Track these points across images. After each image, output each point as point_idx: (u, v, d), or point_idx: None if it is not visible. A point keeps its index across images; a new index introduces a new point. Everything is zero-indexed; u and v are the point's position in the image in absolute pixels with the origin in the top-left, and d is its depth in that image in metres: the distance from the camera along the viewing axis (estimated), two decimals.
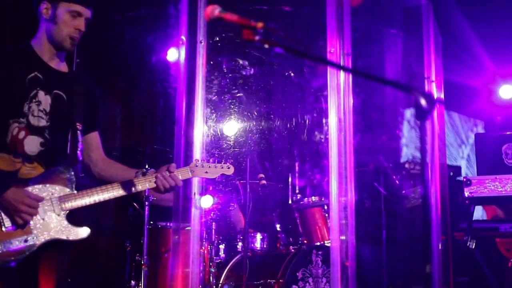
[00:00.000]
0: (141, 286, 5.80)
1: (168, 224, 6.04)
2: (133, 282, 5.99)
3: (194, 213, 4.77)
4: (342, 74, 5.20)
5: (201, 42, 4.90)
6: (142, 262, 5.74)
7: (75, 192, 4.03)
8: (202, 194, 4.81)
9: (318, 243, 6.54)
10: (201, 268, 5.89)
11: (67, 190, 4.02)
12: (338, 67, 5.06)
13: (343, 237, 4.79)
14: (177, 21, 5.09)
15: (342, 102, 5.12)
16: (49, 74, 4.13)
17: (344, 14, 5.40)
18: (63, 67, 4.26)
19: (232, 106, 6.70)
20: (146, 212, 5.72)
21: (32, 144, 4.02)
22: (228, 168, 4.42)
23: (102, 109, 4.49)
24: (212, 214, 6.24)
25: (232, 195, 6.60)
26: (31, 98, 4.03)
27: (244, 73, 6.96)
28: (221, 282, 6.28)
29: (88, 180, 4.33)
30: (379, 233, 7.15)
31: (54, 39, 4.11)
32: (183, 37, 4.99)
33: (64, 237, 3.95)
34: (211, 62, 6.55)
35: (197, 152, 4.81)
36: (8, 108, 4.01)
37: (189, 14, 5.01)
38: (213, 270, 6.10)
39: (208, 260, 6.10)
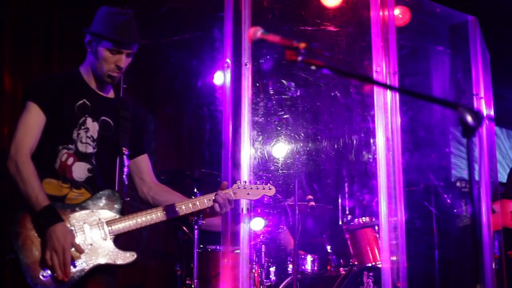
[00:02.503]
0: None
1: (217, 248, 6.03)
2: None
3: (243, 235, 4.76)
4: (389, 93, 5.17)
5: (246, 65, 4.91)
6: (193, 286, 5.72)
7: (122, 216, 4.05)
8: (252, 216, 4.80)
9: (369, 264, 6.47)
10: None
11: (114, 215, 4.05)
12: (384, 86, 5.03)
13: (394, 258, 4.73)
14: (222, 44, 5.11)
15: (390, 121, 5.09)
16: (97, 101, 4.19)
17: (389, 33, 5.38)
18: (110, 93, 4.32)
19: (279, 128, 6.68)
20: (196, 236, 5.71)
21: (80, 170, 4.07)
22: (270, 189, 4.41)
23: (149, 132, 4.53)
24: (261, 237, 6.22)
25: (281, 217, 6.57)
26: (80, 125, 4.09)
27: (290, 95, 6.95)
28: None
29: (137, 203, 4.36)
30: (431, 253, 7.05)
31: (96, 73, 4.17)
32: (228, 60, 5.01)
33: (111, 262, 3.98)
34: (257, 84, 6.55)
35: (245, 174, 4.80)
36: (58, 134, 4.07)
37: (233, 37, 5.02)
38: None
39: (259, 283, 6.07)
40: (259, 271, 6.09)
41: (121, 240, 4.08)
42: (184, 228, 6.28)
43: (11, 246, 3.86)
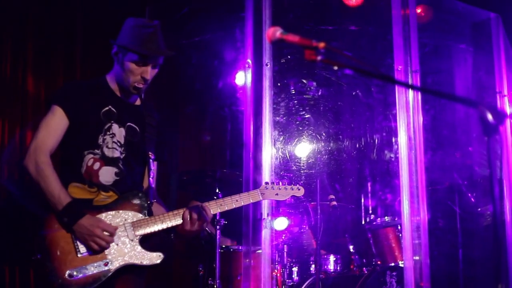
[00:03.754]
0: None
1: (239, 248, 6.03)
2: None
3: (265, 236, 4.76)
4: (410, 91, 5.15)
5: (267, 65, 4.91)
6: (215, 286, 5.73)
7: (148, 217, 4.07)
8: (274, 216, 4.79)
9: (392, 264, 6.44)
10: None
11: (140, 216, 4.07)
12: (405, 85, 5.01)
13: (416, 257, 4.71)
14: (242, 45, 5.12)
15: (412, 120, 5.06)
16: (123, 108, 4.23)
17: (411, 31, 5.36)
18: (137, 101, 4.35)
19: (300, 128, 6.68)
20: (218, 236, 5.72)
21: (108, 175, 4.11)
22: (298, 189, 4.41)
23: (169, 145, 4.57)
24: (283, 237, 6.21)
25: (303, 217, 6.56)
26: (106, 130, 4.14)
27: (311, 94, 6.94)
28: None
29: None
30: (455, 253, 7.00)
31: (122, 83, 4.20)
32: (249, 60, 5.01)
33: (138, 262, 4.00)
34: (278, 84, 6.55)
35: (266, 174, 4.80)
36: (84, 140, 4.11)
37: (254, 37, 5.03)
38: None
39: (281, 283, 6.06)
40: (282, 271, 6.08)
41: (148, 241, 4.10)
42: (207, 228, 6.29)
43: (38, 247, 3.89)
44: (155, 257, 4.05)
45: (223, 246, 5.96)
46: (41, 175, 3.92)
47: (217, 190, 5.83)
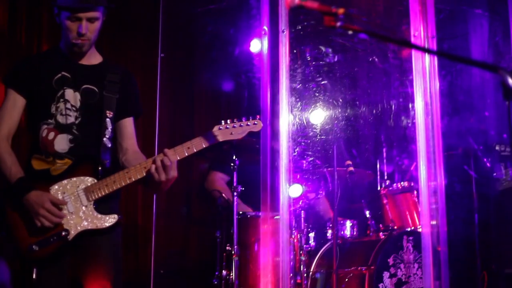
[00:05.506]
0: (232, 276, 5.84)
1: (257, 214, 6.07)
2: (224, 272, 6.04)
3: (283, 202, 4.79)
4: (427, 57, 5.13)
5: (283, 32, 4.90)
6: (233, 252, 5.78)
7: (100, 181, 4.09)
8: (290, 182, 4.80)
9: (409, 229, 6.47)
10: (291, 256, 5.90)
11: (92, 180, 4.09)
12: (423, 50, 4.99)
13: (433, 222, 4.72)
14: (258, 12, 5.10)
15: (428, 86, 5.06)
16: (77, 71, 4.26)
17: None
18: (94, 59, 4.34)
19: (317, 94, 6.67)
20: (235, 202, 5.76)
21: (62, 142, 4.16)
22: (255, 124, 4.31)
23: (138, 97, 4.51)
24: (300, 203, 6.23)
25: (320, 183, 6.58)
26: (58, 98, 4.17)
27: (327, 61, 6.93)
28: (312, 270, 6.28)
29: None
30: (471, 217, 7.02)
31: (67, 44, 4.20)
32: (265, 27, 5.00)
33: (94, 227, 4.05)
34: (294, 51, 6.54)
35: (284, 141, 4.81)
36: (38, 111, 4.19)
37: (270, 4, 5.01)
38: (303, 259, 6.08)
39: (298, 248, 6.10)
40: (299, 237, 6.11)
41: (104, 204, 4.12)
42: (224, 195, 6.32)
43: (1, 225, 4.01)
44: (110, 219, 4.07)
45: (240, 212, 6.00)
46: None
47: (234, 157, 5.85)
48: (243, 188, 5.82)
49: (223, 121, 4.25)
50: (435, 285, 4.57)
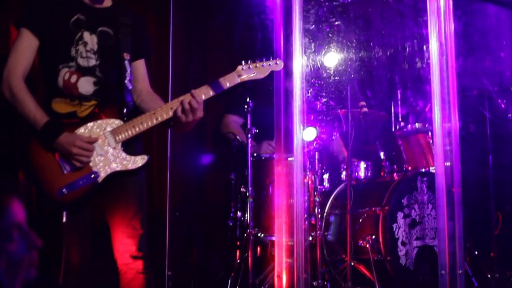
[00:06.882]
0: (247, 217, 5.90)
1: (271, 155, 6.09)
2: (239, 214, 6.10)
3: (297, 143, 4.80)
4: None
5: None
6: (247, 194, 5.82)
7: (127, 122, 4.10)
8: (304, 125, 4.79)
9: (423, 170, 6.49)
10: (306, 198, 5.92)
11: (118, 122, 4.10)
12: None
13: (447, 163, 4.73)
14: None
15: (443, 26, 5.01)
16: (92, 13, 4.21)
17: None
18: (106, 2, 4.31)
19: (331, 35, 6.61)
20: (249, 144, 5.77)
21: (86, 85, 4.12)
22: (277, 64, 4.33)
23: (148, 39, 4.51)
24: (314, 144, 6.23)
25: (334, 124, 6.57)
26: (77, 40, 4.13)
27: (341, 1, 6.86)
28: (326, 211, 6.32)
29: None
30: (485, 158, 7.02)
31: None
32: None
33: (123, 168, 4.07)
34: None
35: (297, 82, 4.81)
36: (56, 54, 4.13)
37: None
38: (317, 200, 6.11)
39: (312, 189, 6.12)
40: (313, 178, 6.13)
41: (132, 145, 4.14)
42: (238, 137, 6.34)
43: (26, 173, 4.03)
44: (140, 160, 4.10)
45: (255, 154, 6.02)
46: (17, 100, 4.00)
47: (247, 99, 5.85)
48: (257, 130, 5.83)
49: (243, 62, 4.29)
50: (449, 225, 4.60)
